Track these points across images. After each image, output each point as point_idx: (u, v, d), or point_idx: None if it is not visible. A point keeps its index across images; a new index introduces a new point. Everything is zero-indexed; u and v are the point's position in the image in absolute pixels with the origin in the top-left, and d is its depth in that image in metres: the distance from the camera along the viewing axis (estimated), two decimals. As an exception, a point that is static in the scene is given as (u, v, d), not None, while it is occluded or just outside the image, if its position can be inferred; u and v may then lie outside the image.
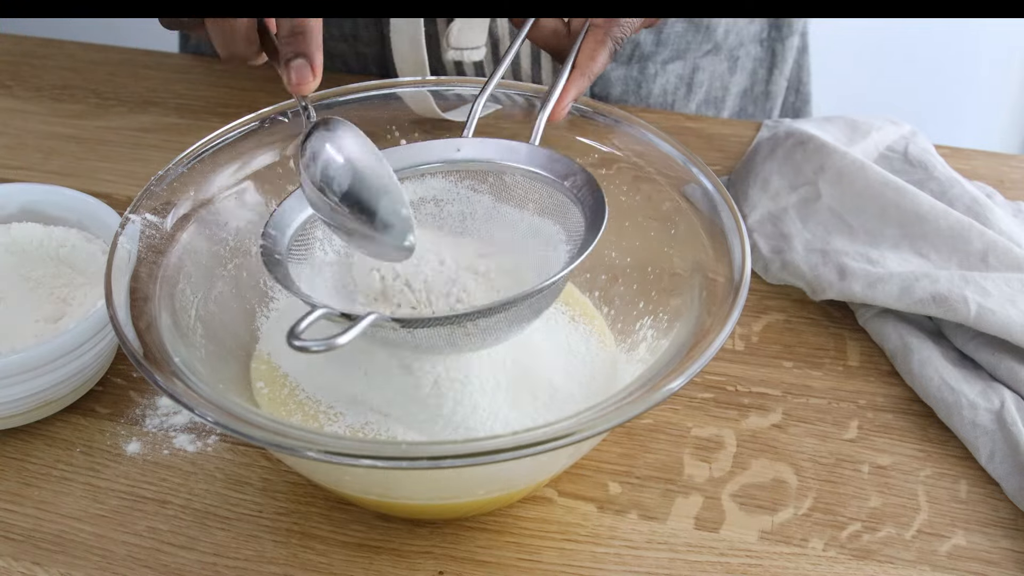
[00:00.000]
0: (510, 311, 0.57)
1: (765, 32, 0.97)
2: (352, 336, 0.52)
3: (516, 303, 0.56)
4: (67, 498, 0.64)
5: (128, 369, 0.71)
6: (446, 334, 0.57)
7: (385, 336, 0.57)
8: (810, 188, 0.80)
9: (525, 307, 0.57)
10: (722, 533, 0.63)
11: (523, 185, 0.64)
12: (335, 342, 0.51)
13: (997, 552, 0.62)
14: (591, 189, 0.61)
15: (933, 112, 1.71)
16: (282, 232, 0.60)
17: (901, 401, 0.70)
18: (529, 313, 0.59)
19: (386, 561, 0.61)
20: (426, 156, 0.64)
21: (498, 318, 0.57)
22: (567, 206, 0.62)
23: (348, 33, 0.95)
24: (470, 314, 0.56)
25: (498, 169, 0.64)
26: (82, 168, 0.89)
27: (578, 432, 0.51)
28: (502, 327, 0.58)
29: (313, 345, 0.50)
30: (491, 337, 0.58)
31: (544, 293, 0.57)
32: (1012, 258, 0.73)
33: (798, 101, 1.04)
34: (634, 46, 0.93)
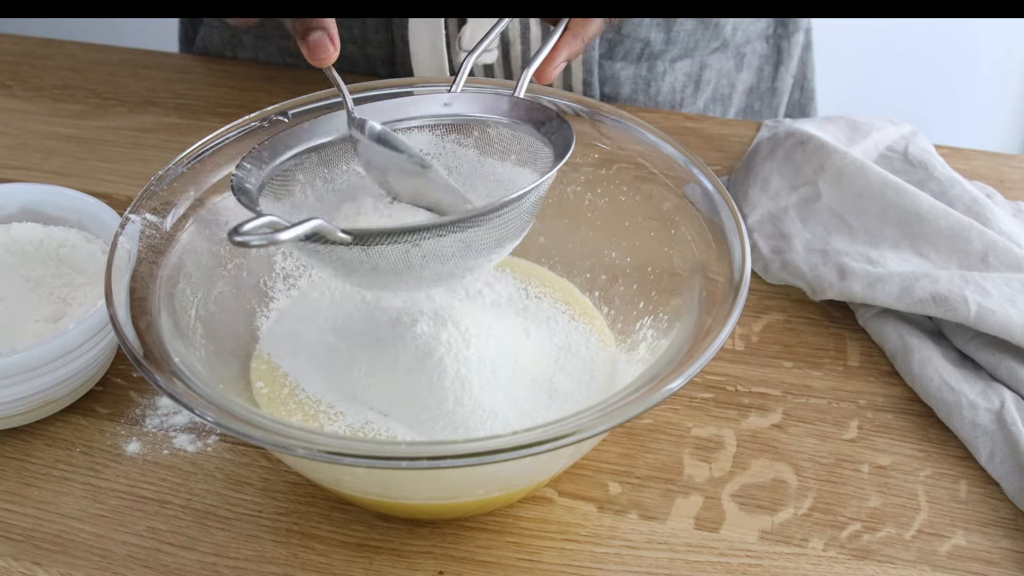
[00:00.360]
0: (466, 231, 0.56)
1: (771, 29, 0.98)
2: (294, 235, 0.51)
3: (468, 220, 0.55)
4: (67, 498, 0.64)
5: (128, 369, 0.71)
6: (400, 253, 0.56)
7: (340, 257, 0.56)
8: (810, 188, 0.80)
9: (482, 230, 0.56)
10: (722, 533, 0.63)
11: (506, 136, 0.64)
12: (276, 237, 0.50)
13: (997, 552, 0.62)
14: (562, 129, 0.61)
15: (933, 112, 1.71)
16: (259, 166, 0.60)
17: (901, 401, 0.70)
18: (487, 239, 0.57)
19: (386, 561, 0.61)
20: (414, 111, 0.64)
21: (453, 239, 0.56)
22: (541, 150, 0.62)
23: (357, 36, 0.95)
24: (423, 227, 0.55)
25: (483, 122, 0.64)
26: (82, 168, 0.89)
27: (578, 432, 0.51)
28: (459, 250, 0.57)
29: (253, 240, 0.49)
30: (449, 262, 0.57)
31: (501, 215, 0.56)
32: (1012, 258, 0.73)
33: (803, 98, 1.04)
34: (643, 44, 0.93)
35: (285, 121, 0.69)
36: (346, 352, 0.64)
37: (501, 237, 0.58)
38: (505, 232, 0.58)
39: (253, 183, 0.59)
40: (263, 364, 0.66)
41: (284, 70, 0.99)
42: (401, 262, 0.56)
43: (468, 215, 0.55)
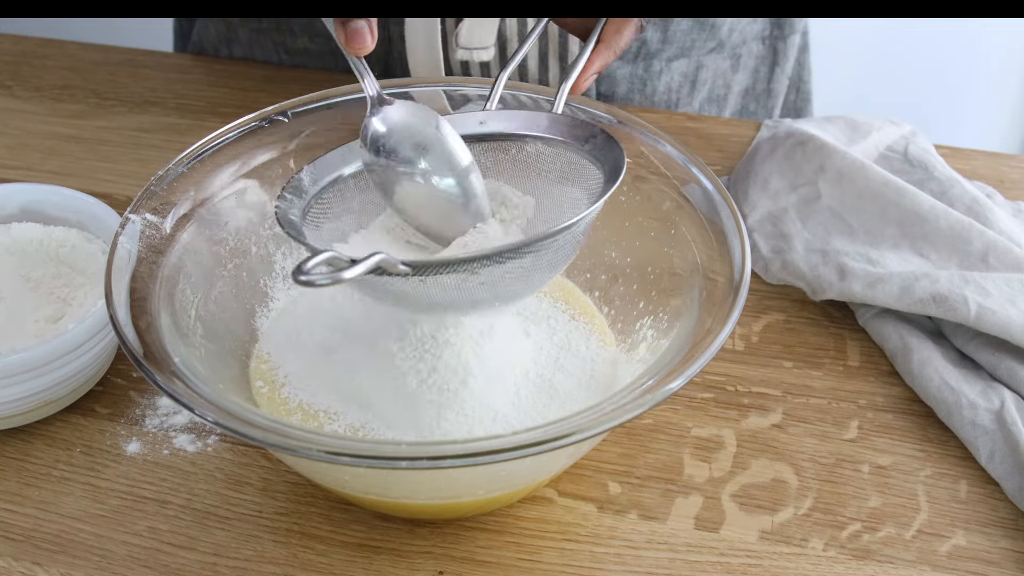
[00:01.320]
0: (523, 257, 0.55)
1: (767, 30, 0.98)
2: (358, 272, 0.50)
3: (526, 247, 0.55)
4: (67, 498, 0.64)
5: (128, 369, 0.71)
6: (458, 282, 0.55)
7: (395, 288, 0.56)
8: (810, 188, 0.80)
9: (538, 255, 0.56)
10: (722, 533, 0.63)
11: (545, 153, 0.63)
12: (341, 275, 0.50)
13: (997, 552, 0.62)
14: (610, 147, 0.61)
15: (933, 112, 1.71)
16: (299, 196, 0.60)
17: (901, 401, 0.70)
18: (543, 263, 0.57)
19: (386, 561, 0.61)
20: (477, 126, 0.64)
21: (511, 265, 0.55)
22: (587, 168, 0.62)
23: None
24: (481, 257, 0.54)
25: (520, 140, 0.64)
26: (82, 168, 0.89)
27: (578, 432, 0.51)
28: (516, 276, 0.57)
29: (319, 279, 0.49)
30: (506, 288, 0.57)
31: (557, 240, 0.56)
32: (1012, 258, 0.73)
33: (799, 100, 1.04)
34: (640, 43, 0.93)
35: (285, 121, 0.69)
36: (346, 352, 0.64)
37: (555, 260, 0.58)
38: (559, 255, 0.58)
39: (296, 214, 0.59)
40: (263, 364, 0.66)
41: (284, 70, 0.99)
42: (458, 290, 0.56)
43: (524, 243, 0.55)
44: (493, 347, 0.63)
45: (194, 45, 1.04)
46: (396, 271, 0.53)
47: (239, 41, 1.00)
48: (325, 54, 0.98)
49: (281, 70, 0.98)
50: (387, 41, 0.94)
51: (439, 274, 0.55)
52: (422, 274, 0.54)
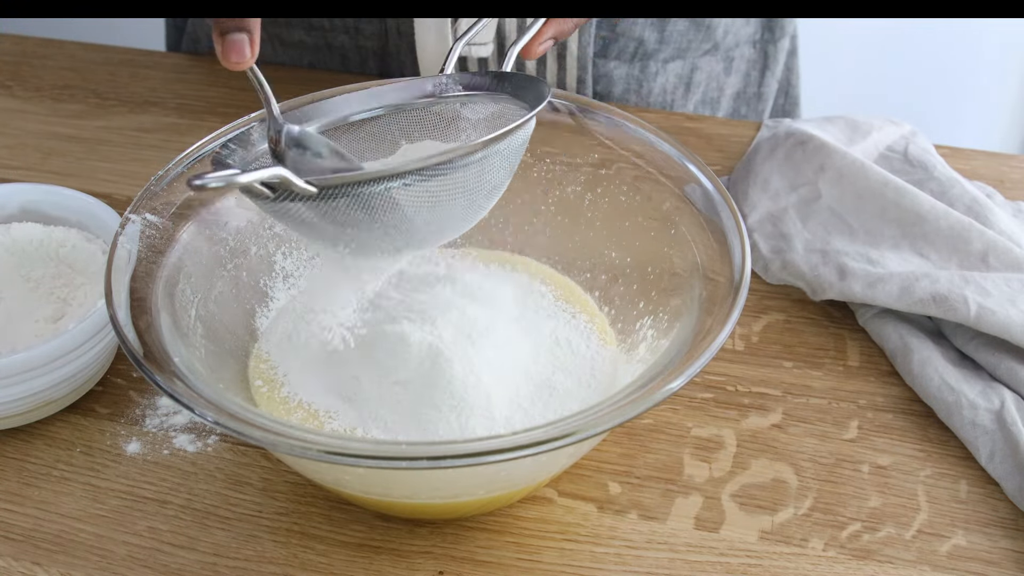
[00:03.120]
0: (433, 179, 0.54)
1: (758, 34, 0.98)
2: (253, 177, 0.49)
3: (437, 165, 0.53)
4: (67, 498, 0.64)
5: (128, 369, 0.71)
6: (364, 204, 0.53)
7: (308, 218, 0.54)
8: (810, 188, 0.80)
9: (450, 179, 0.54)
10: (722, 533, 0.63)
11: (491, 110, 0.63)
12: (235, 178, 0.49)
13: (997, 552, 0.62)
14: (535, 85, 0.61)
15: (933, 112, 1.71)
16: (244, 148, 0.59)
17: (901, 401, 0.70)
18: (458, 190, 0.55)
19: (386, 561, 0.61)
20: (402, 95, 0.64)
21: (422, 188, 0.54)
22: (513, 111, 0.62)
23: (351, 25, 0.95)
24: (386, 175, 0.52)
25: (468, 100, 0.64)
26: (82, 168, 0.89)
27: (578, 432, 0.51)
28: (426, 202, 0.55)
29: (211, 181, 0.48)
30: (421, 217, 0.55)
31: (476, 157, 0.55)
32: (1012, 258, 0.73)
33: (787, 104, 1.04)
34: (637, 43, 0.93)
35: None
36: (345, 352, 0.64)
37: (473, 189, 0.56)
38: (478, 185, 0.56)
39: (235, 163, 0.58)
40: (262, 364, 0.66)
41: (284, 70, 0.99)
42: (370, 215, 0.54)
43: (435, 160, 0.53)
44: (493, 346, 0.63)
45: (189, 36, 1.04)
46: (299, 189, 0.52)
47: None
48: (320, 47, 0.98)
49: (281, 70, 0.98)
50: (383, 35, 0.94)
51: (347, 195, 0.53)
52: (330, 197, 0.52)
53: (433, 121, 0.64)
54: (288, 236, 0.70)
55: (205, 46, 1.02)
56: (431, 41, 0.88)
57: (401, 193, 0.54)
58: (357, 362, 0.63)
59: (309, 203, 0.54)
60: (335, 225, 0.55)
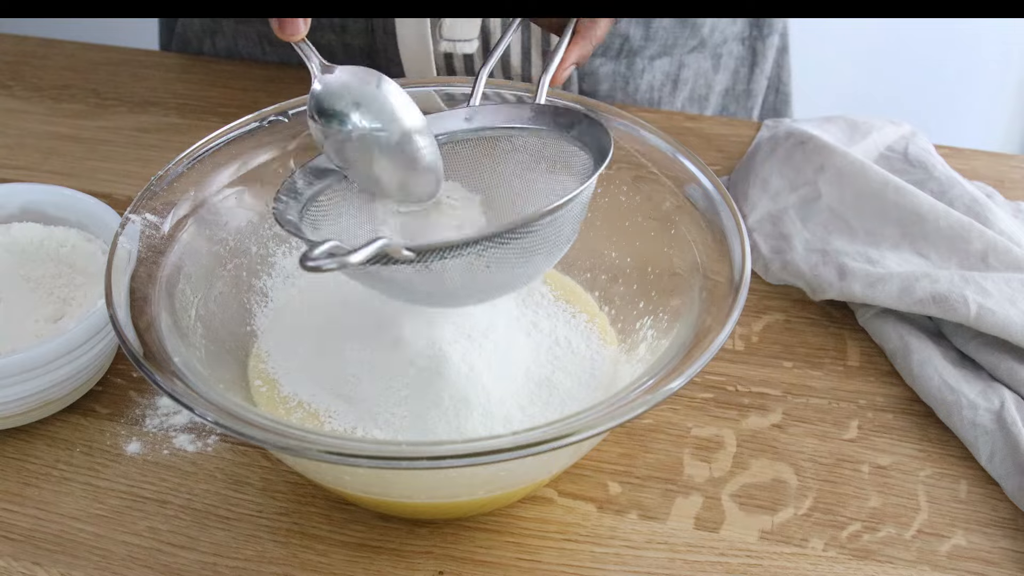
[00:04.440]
0: (525, 237, 0.56)
1: (746, 31, 0.98)
2: (364, 255, 0.51)
3: (527, 225, 0.55)
4: (67, 498, 0.64)
5: (128, 369, 0.71)
6: (463, 266, 0.55)
7: (399, 277, 0.56)
8: (810, 188, 0.80)
9: (539, 235, 0.56)
10: (722, 533, 0.63)
11: (533, 144, 0.64)
12: (348, 259, 0.50)
13: (997, 552, 0.62)
14: (595, 131, 0.61)
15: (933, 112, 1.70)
16: (295, 198, 0.60)
17: (901, 401, 0.70)
18: (544, 244, 0.57)
19: (386, 561, 0.61)
20: (436, 128, 0.64)
21: (514, 246, 0.56)
22: (575, 154, 0.62)
23: (337, 24, 0.95)
24: (485, 237, 0.54)
25: (507, 133, 0.64)
26: (82, 168, 0.89)
27: (578, 432, 0.51)
28: (519, 257, 0.57)
29: (325, 264, 0.49)
30: (510, 272, 0.57)
31: (556, 219, 0.56)
32: (1012, 258, 0.73)
33: (778, 101, 1.04)
34: (623, 40, 0.93)
35: (285, 121, 0.69)
36: (345, 351, 0.64)
37: (555, 241, 0.59)
38: (559, 236, 0.58)
39: (294, 215, 0.59)
40: (262, 363, 0.66)
41: (284, 69, 0.99)
42: (463, 275, 0.56)
43: (526, 221, 0.55)
44: (493, 346, 0.63)
45: (178, 37, 1.04)
46: (400, 256, 0.53)
47: (223, 32, 1.00)
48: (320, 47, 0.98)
49: (282, 70, 0.98)
50: (370, 33, 0.94)
51: (443, 258, 0.55)
52: (426, 260, 0.54)
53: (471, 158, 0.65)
54: (288, 236, 0.70)
55: (194, 48, 1.03)
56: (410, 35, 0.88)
57: (496, 252, 0.56)
58: (357, 362, 0.63)
59: (402, 266, 0.55)
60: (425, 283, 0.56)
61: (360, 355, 0.63)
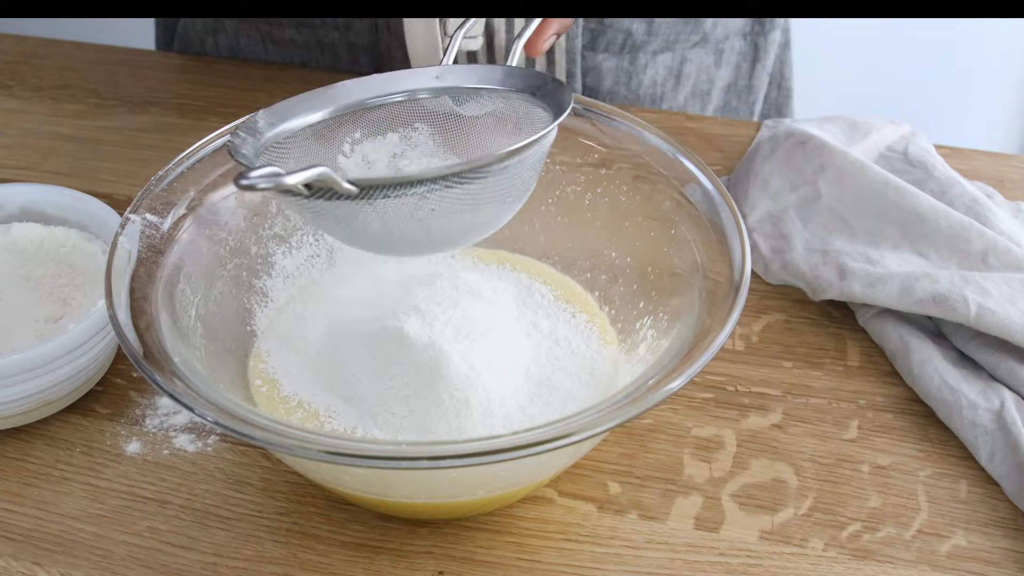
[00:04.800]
0: (473, 182, 0.55)
1: (748, 27, 0.98)
2: (301, 178, 0.50)
3: (473, 171, 0.54)
4: (67, 498, 0.64)
5: (128, 369, 0.71)
6: (408, 208, 0.55)
7: (342, 215, 0.55)
8: (810, 188, 0.80)
9: (488, 182, 0.56)
10: (722, 533, 0.63)
11: (501, 105, 0.64)
12: (283, 180, 0.49)
13: (997, 552, 0.62)
14: (559, 91, 0.61)
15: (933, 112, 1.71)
16: (255, 136, 0.59)
17: (901, 401, 0.70)
18: (494, 192, 0.57)
19: (386, 561, 0.61)
20: (406, 84, 0.64)
21: (461, 191, 0.55)
22: (540, 116, 0.62)
23: (340, 22, 0.95)
24: (430, 177, 0.54)
25: (476, 93, 0.64)
26: (82, 168, 0.89)
27: (578, 432, 0.51)
28: (467, 205, 0.56)
29: (260, 182, 0.49)
30: (458, 219, 0.56)
31: (507, 167, 0.56)
32: (1012, 258, 0.73)
33: (780, 96, 1.04)
34: (626, 35, 0.93)
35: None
36: (345, 351, 0.64)
37: (506, 193, 0.58)
38: (511, 188, 0.58)
39: (249, 151, 0.58)
40: (262, 363, 0.66)
41: (285, 69, 0.99)
42: (410, 217, 0.55)
43: (475, 164, 0.54)
44: (493, 346, 0.63)
45: (180, 36, 1.04)
46: (341, 188, 0.52)
47: (225, 31, 1.00)
48: (311, 45, 0.98)
49: (282, 69, 0.99)
50: (374, 32, 0.94)
51: (387, 197, 0.54)
52: (369, 196, 0.54)
53: (441, 112, 0.64)
54: (288, 236, 0.70)
55: (196, 47, 1.03)
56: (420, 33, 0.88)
57: (442, 194, 0.55)
58: (357, 362, 0.63)
59: (346, 202, 0.54)
60: (372, 224, 0.56)
61: (360, 355, 0.63)
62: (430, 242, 0.58)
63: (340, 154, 0.63)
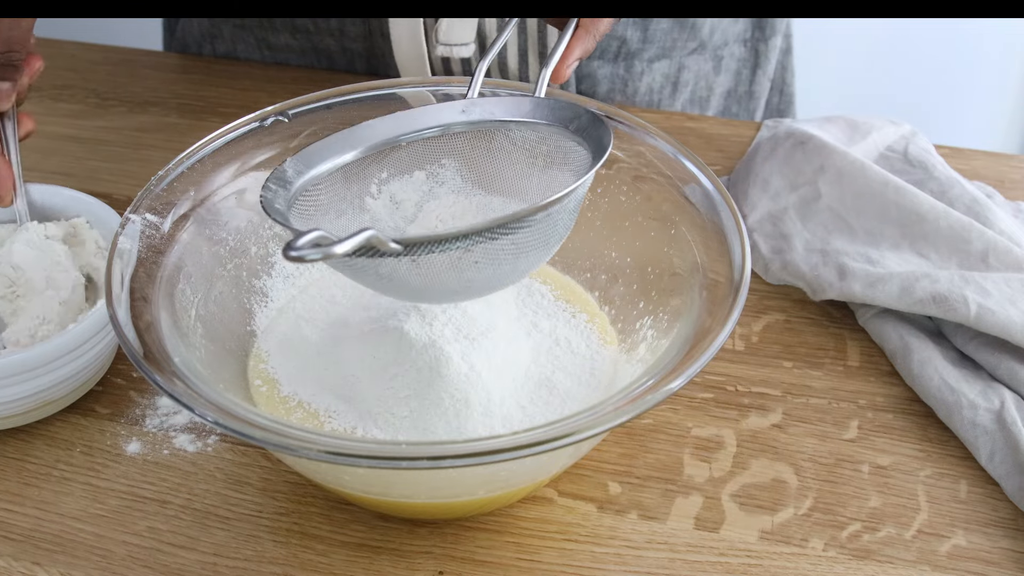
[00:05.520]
0: (516, 232, 0.55)
1: (748, 33, 0.98)
2: (349, 246, 0.49)
3: (519, 220, 0.54)
4: (67, 498, 0.64)
5: (128, 369, 0.71)
6: (452, 261, 0.55)
7: (387, 271, 0.55)
8: (810, 188, 0.80)
9: (531, 231, 0.56)
10: (722, 533, 0.63)
11: (531, 138, 0.63)
12: (332, 249, 0.49)
13: (997, 552, 0.62)
14: (595, 126, 0.60)
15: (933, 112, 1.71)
16: (284, 187, 0.59)
17: (901, 401, 0.70)
18: (536, 240, 0.57)
19: (386, 561, 0.61)
20: (432, 120, 0.64)
21: (505, 242, 0.55)
22: (573, 150, 0.61)
23: (335, 28, 0.95)
24: (474, 231, 0.53)
25: (504, 126, 0.63)
26: (82, 168, 0.89)
27: (578, 432, 0.51)
28: (509, 254, 0.56)
29: (309, 254, 0.48)
30: (499, 268, 0.56)
31: (549, 214, 0.56)
32: (1012, 258, 0.73)
33: (782, 102, 1.04)
34: (620, 43, 0.93)
35: (285, 121, 0.69)
36: (344, 351, 0.64)
37: (547, 239, 0.58)
38: (552, 233, 0.58)
39: (282, 204, 0.58)
40: (262, 363, 0.66)
41: (284, 70, 0.99)
42: (452, 270, 0.55)
43: (517, 216, 0.54)
44: (493, 346, 0.63)
45: (178, 41, 1.04)
46: (387, 248, 0.52)
47: (222, 37, 1.00)
48: (307, 51, 0.98)
49: (282, 70, 0.98)
50: (368, 37, 0.94)
51: (431, 252, 0.54)
52: (413, 253, 0.53)
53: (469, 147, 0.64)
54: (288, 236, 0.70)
55: (193, 51, 1.03)
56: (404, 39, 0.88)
57: (485, 247, 0.55)
58: (357, 362, 0.63)
59: (389, 259, 0.54)
60: (412, 278, 0.56)
61: (360, 355, 0.63)
62: (467, 291, 0.58)
63: (368, 195, 0.63)
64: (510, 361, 0.63)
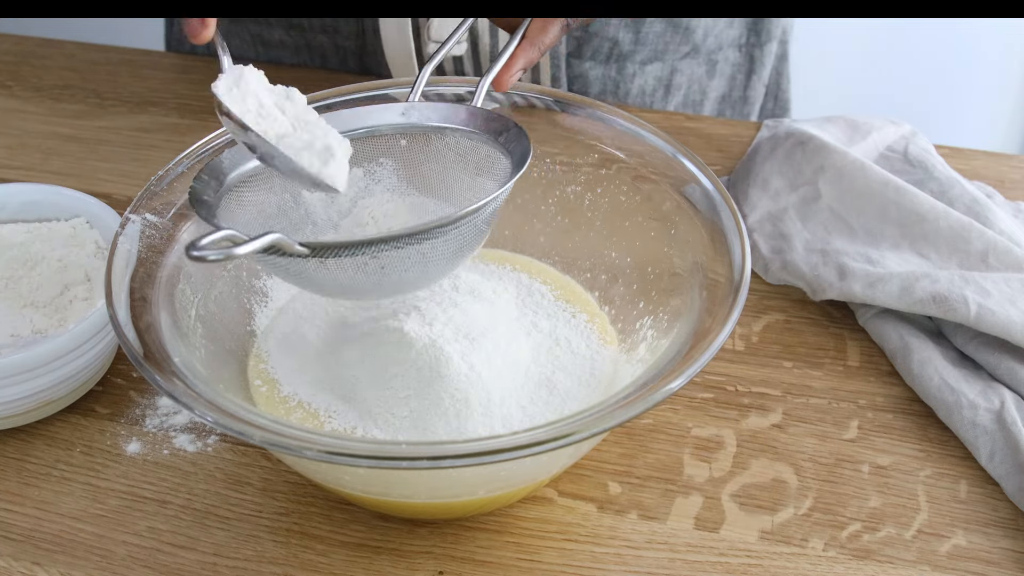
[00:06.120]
0: (423, 243, 0.56)
1: (744, 38, 0.97)
2: (251, 248, 0.51)
3: (425, 232, 0.55)
4: (67, 498, 0.64)
5: (128, 369, 0.71)
6: (358, 265, 0.56)
7: (298, 270, 0.56)
8: (810, 188, 0.80)
9: (438, 242, 0.56)
10: (722, 533, 0.63)
11: (463, 145, 0.64)
12: (234, 251, 0.50)
13: (997, 552, 0.62)
14: (520, 140, 0.61)
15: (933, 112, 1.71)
16: (218, 178, 0.59)
17: (901, 401, 0.70)
18: (445, 251, 0.57)
19: (386, 561, 0.61)
20: (370, 120, 0.64)
21: (411, 251, 0.56)
22: (499, 160, 0.62)
23: (328, 25, 0.95)
24: (379, 240, 0.55)
25: (440, 131, 0.64)
26: (82, 168, 0.89)
27: (578, 432, 0.51)
28: (416, 263, 0.57)
29: (210, 254, 0.49)
30: (407, 272, 0.57)
31: (458, 227, 0.56)
32: (1012, 258, 0.73)
33: (777, 108, 1.04)
34: (612, 44, 0.93)
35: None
36: (344, 351, 0.64)
37: (459, 248, 0.58)
38: (463, 243, 0.58)
39: (211, 195, 0.59)
40: (262, 363, 0.66)
41: (284, 70, 0.99)
42: (360, 273, 0.56)
43: (425, 227, 0.55)
44: (493, 346, 0.63)
45: (175, 38, 1.04)
46: (292, 251, 0.53)
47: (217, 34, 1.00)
48: (301, 47, 0.98)
49: (281, 70, 0.98)
50: (361, 35, 0.94)
51: (338, 256, 0.55)
52: (320, 255, 0.55)
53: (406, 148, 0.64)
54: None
55: (188, 48, 1.03)
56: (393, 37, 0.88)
57: (392, 254, 0.56)
58: (357, 362, 0.63)
59: (299, 259, 0.55)
60: (324, 278, 0.57)
61: (360, 355, 0.63)
62: (381, 291, 0.59)
63: (304, 189, 0.63)
64: (510, 361, 0.63)
